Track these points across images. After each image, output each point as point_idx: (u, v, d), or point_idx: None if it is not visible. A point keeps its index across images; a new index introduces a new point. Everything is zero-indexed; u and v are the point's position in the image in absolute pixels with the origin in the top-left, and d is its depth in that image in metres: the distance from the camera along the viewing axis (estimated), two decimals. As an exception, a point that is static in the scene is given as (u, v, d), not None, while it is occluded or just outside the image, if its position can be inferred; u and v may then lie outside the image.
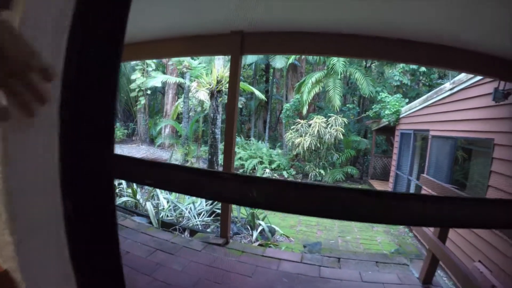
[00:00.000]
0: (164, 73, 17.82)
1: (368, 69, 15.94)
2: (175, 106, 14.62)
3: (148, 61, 18.76)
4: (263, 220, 5.81)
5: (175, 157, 13.50)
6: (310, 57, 18.38)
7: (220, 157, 13.96)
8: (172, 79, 15.06)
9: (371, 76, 14.93)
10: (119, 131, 20.79)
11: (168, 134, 18.58)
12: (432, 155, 7.80)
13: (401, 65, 13.83)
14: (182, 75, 15.89)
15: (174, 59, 14.42)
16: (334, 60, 13.43)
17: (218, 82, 6.82)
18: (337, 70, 13.35)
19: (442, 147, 7.32)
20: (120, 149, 17.40)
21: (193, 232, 5.00)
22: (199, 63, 12.53)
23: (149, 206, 5.40)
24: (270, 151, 14.64)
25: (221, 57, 7.97)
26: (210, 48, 4.23)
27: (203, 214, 5.74)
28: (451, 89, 6.92)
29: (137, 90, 19.03)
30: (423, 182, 4.64)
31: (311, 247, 5.63)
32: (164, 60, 19.49)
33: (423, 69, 13.62)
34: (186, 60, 10.99)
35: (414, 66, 13.43)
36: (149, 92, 19.60)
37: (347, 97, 17.57)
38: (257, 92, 12.25)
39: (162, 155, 15.36)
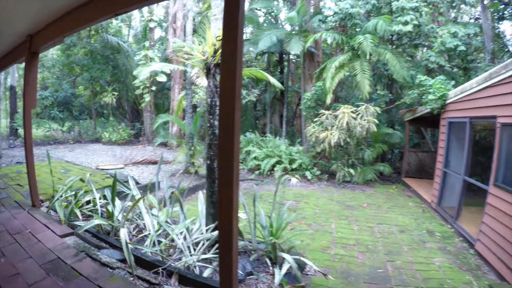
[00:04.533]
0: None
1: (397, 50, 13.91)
2: (179, 101, 12.99)
3: (151, 55, 17.45)
4: (288, 252, 4.07)
5: (180, 158, 11.92)
6: (328, 40, 16.70)
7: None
8: (170, 66, 13.45)
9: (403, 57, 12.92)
10: (124, 131, 19.64)
11: (176, 133, 17.20)
12: (503, 150, 5.89)
13: (436, 44, 11.86)
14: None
15: (174, 46, 12.75)
16: (361, 38, 11.51)
17: (216, 51, 4.89)
18: (365, 50, 11.41)
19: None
20: (124, 151, 16.12)
21: (183, 279, 3.32)
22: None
23: (123, 234, 3.70)
24: (289, 149, 12.78)
25: (219, 14, 6.06)
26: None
27: (202, 244, 4.03)
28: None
29: (142, 87, 17.83)
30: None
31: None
32: (168, 52, 18.12)
33: (461, 48, 11.56)
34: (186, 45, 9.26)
35: (451, 45, 11.44)
36: (154, 88, 18.29)
37: (374, 83, 15.58)
38: (272, 80, 10.46)
39: (166, 156, 13.85)
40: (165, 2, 20.93)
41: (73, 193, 5.64)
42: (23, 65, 6.26)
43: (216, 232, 4.10)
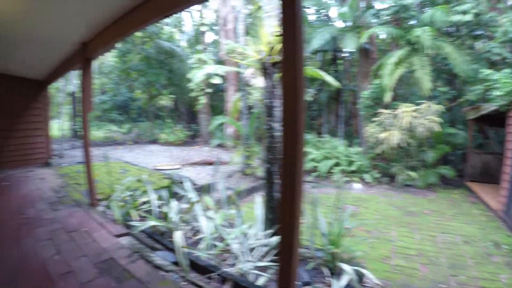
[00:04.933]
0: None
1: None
2: (234, 102, 12.93)
3: (205, 58, 17.68)
4: (348, 262, 3.70)
5: (236, 160, 11.82)
6: (383, 35, 15.96)
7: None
8: (223, 68, 13.41)
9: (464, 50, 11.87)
10: (181, 132, 20.11)
11: (232, 134, 17.25)
12: None
13: (498, 34, 10.80)
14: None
15: (227, 48, 12.67)
16: (418, 31, 10.72)
17: (272, 49, 4.60)
18: (423, 44, 10.60)
19: None
20: (180, 152, 16.39)
21: (237, 286, 3.09)
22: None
23: (178, 236, 3.57)
24: (347, 150, 12.22)
25: (271, 11, 5.77)
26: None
27: (258, 251, 3.78)
28: None
29: (197, 89, 18.19)
30: None
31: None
32: (220, 54, 18.26)
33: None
34: (239, 46, 9.08)
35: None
36: (209, 90, 18.50)
37: (434, 79, 14.52)
38: (328, 78, 10.01)
39: (223, 157, 13.82)
40: (215, 6, 21.13)
41: (130, 193, 5.67)
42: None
43: (273, 239, 3.87)
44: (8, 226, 4.73)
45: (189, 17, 25.97)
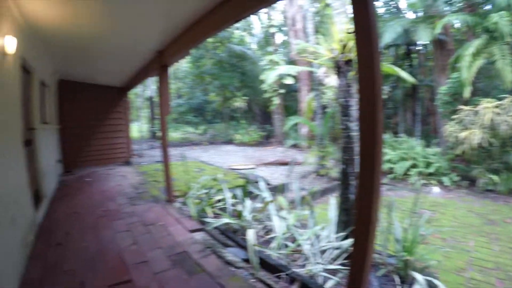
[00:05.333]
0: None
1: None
2: (308, 102, 12.74)
3: (276, 59, 17.73)
4: (421, 272, 3.37)
5: (310, 160, 11.64)
6: (458, 24, 14.59)
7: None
8: (295, 68, 13.23)
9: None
10: (255, 133, 20.37)
11: (306, 134, 17.07)
12: None
13: None
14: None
15: (298, 47, 12.50)
16: (495, 18, 9.60)
17: (344, 47, 4.39)
18: (502, 31, 9.47)
19: None
20: (255, 152, 16.61)
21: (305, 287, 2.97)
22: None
23: (250, 234, 3.56)
24: (425, 151, 11.34)
25: (341, 7, 5.50)
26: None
27: (329, 253, 3.62)
28: None
29: (269, 90, 18.32)
30: None
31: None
32: (291, 54, 18.14)
33: None
34: (310, 45, 8.90)
35: None
36: (282, 91, 18.52)
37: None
38: (403, 74, 9.37)
39: (297, 158, 13.70)
40: (281, 7, 21.12)
41: (206, 191, 5.81)
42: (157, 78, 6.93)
43: (345, 242, 3.68)
44: (90, 218, 5.14)
45: (257, 20, 26.27)
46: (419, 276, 3.15)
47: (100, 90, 10.52)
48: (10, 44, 3.54)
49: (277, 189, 5.34)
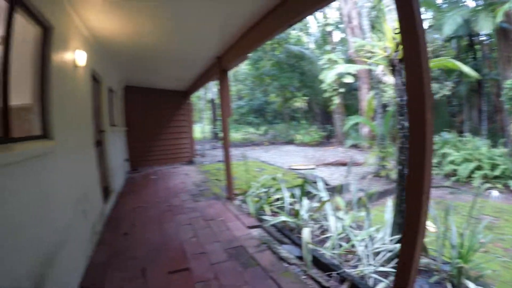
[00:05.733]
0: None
1: None
2: (368, 101, 12.40)
3: (334, 58, 17.46)
4: (476, 281, 3.19)
5: (370, 161, 11.39)
6: None
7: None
8: (354, 67, 12.90)
9: None
10: (316, 133, 20.24)
11: (367, 134, 16.64)
12: None
13: None
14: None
15: (355, 45, 12.21)
16: None
17: (397, 45, 4.30)
18: None
19: None
20: (315, 152, 16.54)
21: (354, 288, 2.99)
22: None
23: (305, 232, 3.64)
24: (491, 151, 10.43)
25: (392, 3, 5.33)
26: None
27: (383, 255, 3.57)
28: None
29: (329, 90, 18.14)
30: None
31: None
32: (349, 52, 17.71)
33: None
34: (366, 43, 8.67)
35: None
36: (341, 90, 18.22)
37: None
38: (465, 68, 8.74)
39: (357, 158, 13.45)
40: (336, 4, 20.65)
41: (265, 190, 5.97)
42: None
43: (399, 245, 3.58)
44: (154, 211, 5.61)
45: (313, 19, 26.02)
46: (472, 286, 3.03)
47: (164, 94, 11.26)
48: (81, 58, 4.13)
49: (335, 190, 5.35)
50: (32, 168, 2.32)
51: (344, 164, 12.48)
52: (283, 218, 4.55)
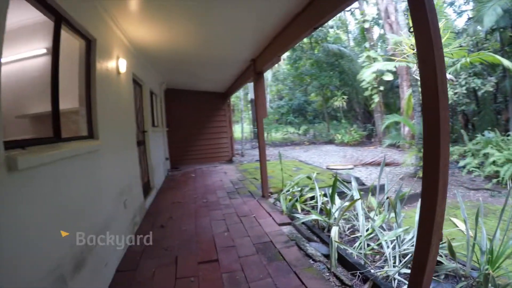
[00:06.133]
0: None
1: None
2: (406, 99, 12.12)
3: (374, 55, 17.12)
4: None
5: (409, 161, 11.17)
6: None
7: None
8: (392, 64, 12.60)
9: None
10: (356, 133, 19.98)
11: (408, 133, 16.20)
12: None
13: None
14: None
15: (393, 42, 11.90)
16: None
17: None
18: None
19: None
20: (354, 152, 16.40)
21: (376, 288, 3.04)
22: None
23: (333, 231, 3.72)
24: None
25: None
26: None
27: (410, 257, 3.57)
28: None
29: (369, 88, 17.80)
30: None
31: None
32: (388, 49, 17.26)
33: None
34: (402, 39, 8.44)
35: None
36: (381, 88, 17.85)
37: None
38: (507, 63, 8.30)
39: (396, 158, 13.20)
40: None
41: (299, 189, 6.09)
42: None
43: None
44: (191, 207, 5.97)
45: (351, 16, 25.56)
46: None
47: (203, 96, 11.73)
48: (122, 65, 4.59)
49: (370, 190, 5.37)
50: (81, 163, 2.72)
51: (385, 164, 12.24)
52: (314, 216, 4.63)
